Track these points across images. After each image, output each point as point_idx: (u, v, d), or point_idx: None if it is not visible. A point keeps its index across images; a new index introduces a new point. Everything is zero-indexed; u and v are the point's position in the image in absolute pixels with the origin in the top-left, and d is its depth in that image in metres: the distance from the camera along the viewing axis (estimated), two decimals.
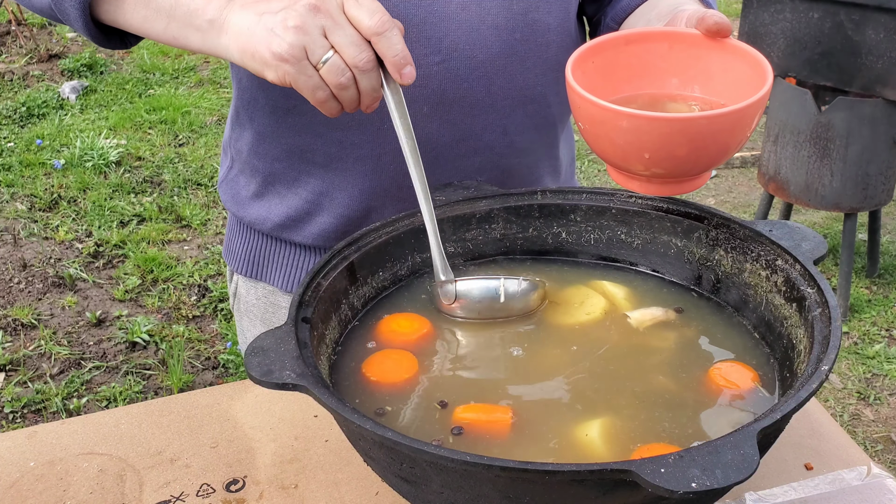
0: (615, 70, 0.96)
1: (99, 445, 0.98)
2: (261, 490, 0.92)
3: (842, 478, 0.92)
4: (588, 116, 0.89)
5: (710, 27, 0.93)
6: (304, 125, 1.13)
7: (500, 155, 1.15)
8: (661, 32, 0.97)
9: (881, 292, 3.36)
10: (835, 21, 2.92)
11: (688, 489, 0.63)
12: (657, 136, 0.85)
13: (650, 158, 0.87)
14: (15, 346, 3.02)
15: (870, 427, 2.73)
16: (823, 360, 0.77)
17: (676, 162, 0.87)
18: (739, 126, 0.86)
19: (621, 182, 0.95)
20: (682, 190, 0.93)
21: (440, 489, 0.72)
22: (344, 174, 1.14)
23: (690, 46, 0.95)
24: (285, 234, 1.21)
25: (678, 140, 0.85)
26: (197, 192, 4.05)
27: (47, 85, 5.07)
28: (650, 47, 0.96)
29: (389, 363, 0.91)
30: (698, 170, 0.90)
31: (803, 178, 3.15)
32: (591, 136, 0.90)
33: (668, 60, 0.96)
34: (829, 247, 3.05)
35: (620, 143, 0.87)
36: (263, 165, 1.19)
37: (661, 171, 0.89)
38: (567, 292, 1.02)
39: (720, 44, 0.93)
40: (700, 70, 0.95)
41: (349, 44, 0.86)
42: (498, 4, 1.07)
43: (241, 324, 1.35)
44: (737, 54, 0.92)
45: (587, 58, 0.94)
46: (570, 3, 1.15)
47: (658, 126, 0.84)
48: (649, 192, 0.94)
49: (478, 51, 1.08)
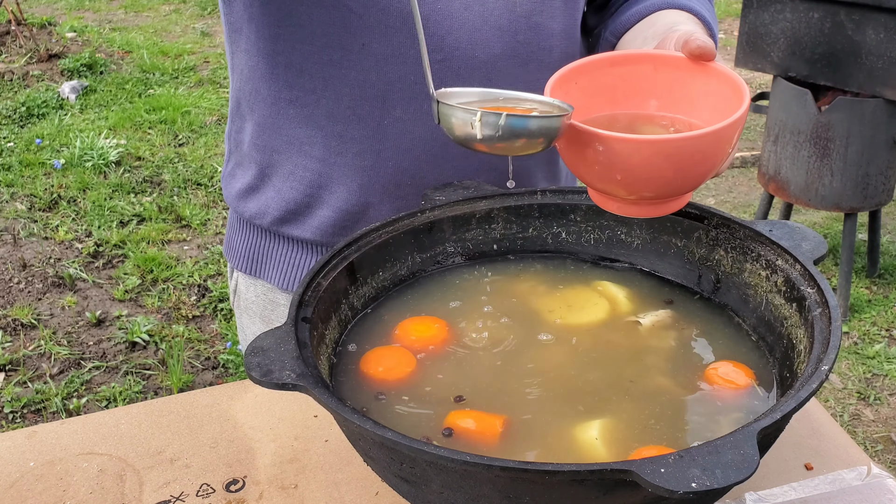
0: (599, 91, 0.96)
1: (99, 445, 0.98)
2: (261, 490, 0.92)
3: (842, 478, 0.92)
4: (563, 137, 0.88)
5: (693, 51, 0.93)
6: (306, 117, 1.13)
7: (500, 157, 1.15)
8: (646, 55, 0.97)
9: (881, 292, 3.36)
10: (835, 21, 2.92)
11: (688, 489, 0.63)
12: (630, 158, 0.84)
13: (623, 180, 0.86)
14: (15, 346, 3.03)
15: (870, 427, 2.73)
16: (823, 360, 0.77)
17: (652, 184, 0.87)
18: (712, 149, 0.85)
19: (600, 203, 0.94)
20: (660, 212, 0.92)
21: (440, 489, 0.72)
22: (343, 168, 1.14)
23: (675, 69, 0.95)
24: (284, 228, 1.21)
25: (652, 162, 0.84)
26: (197, 192, 4.05)
27: (47, 85, 5.08)
28: (635, 69, 0.96)
29: (388, 360, 0.91)
30: (675, 192, 0.90)
31: (803, 178, 3.15)
32: (567, 155, 0.90)
33: (652, 83, 0.96)
34: (829, 247, 3.05)
35: (595, 165, 0.86)
36: (262, 157, 1.19)
37: (637, 193, 0.89)
38: (567, 292, 1.02)
39: (703, 67, 0.93)
40: (683, 93, 0.95)
41: None
42: (501, 6, 1.08)
43: (241, 321, 1.36)
44: (718, 78, 0.92)
45: (570, 78, 0.94)
46: (577, 11, 1.15)
47: (630, 147, 0.84)
48: (627, 214, 0.93)
49: (479, 50, 1.08)
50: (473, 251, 1.06)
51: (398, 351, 0.93)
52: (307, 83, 1.10)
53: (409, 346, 0.94)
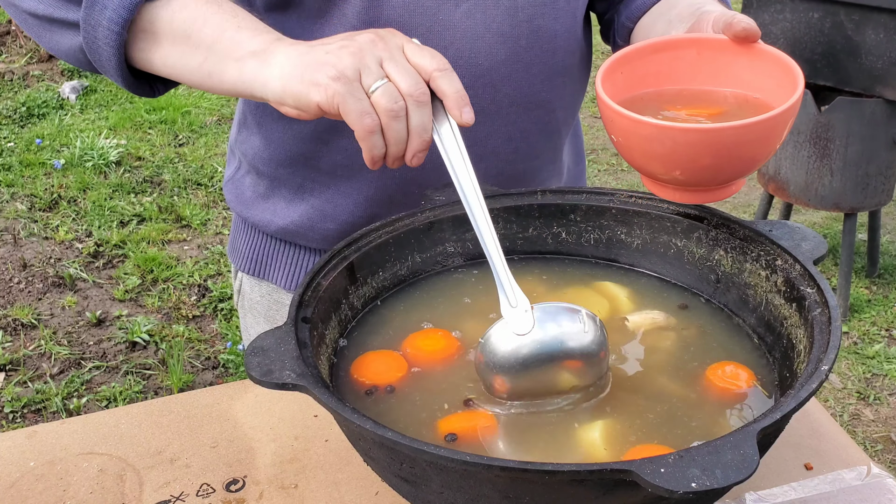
0: (644, 78, 0.96)
1: (99, 445, 0.99)
2: (261, 490, 0.92)
3: (842, 478, 0.92)
4: (620, 129, 0.88)
5: (739, 33, 0.92)
6: (311, 133, 1.12)
7: (504, 161, 1.15)
8: (688, 39, 0.96)
9: (881, 292, 3.36)
10: (835, 21, 2.92)
11: (688, 489, 0.63)
12: (689, 147, 0.84)
13: (683, 168, 0.86)
14: (15, 346, 3.03)
15: (870, 427, 2.73)
16: (823, 360, 0.77)
17: (709, 171, 0.87)
18: (775, 132, 0.85)
19: (655, 190, 0.94)
20: (715, 198, 0.92)
21: (440, 489, 0.72)
22: (350, 181, 1.14)
23: (718, 52, 0.94)
24: (289, 237, 1.21)
25: (710, 150, 0.84)
26: (197, 192, 4.05)
27: (47, 85, 5.07)
28: (678, 54, 0.96)
29: (378, 364, 0.91)
30: (732, 178, 0.90)
31: (803, 177, 3.15)
32: (624, 147, 0.90)
33: (696, 67, 0.96)
34: (829, 247, 3.05)
35: (653, 154, 0.86)
36: (269, 170, 1.19)
37: (695, 180, 0.89)
38: (567, 292, 1.02)
39: (749, 48, 0.93)
40: (729, 75, 0.95)
41: (405, 74, 0.82)
42: (503, 12, 1.07)
43: (245, 321, 1.36)
44: (766, 59, 0.92)
45: (615, 69, 0.94)
46: (577, 9, 1.14)
47: (690, 137, 0.84)
48: (682, 200, 0.93)
49: (483, 58, 1.07)
50: (473, 251, 1.06)
51: (389, 355, 0.92)
52: None
53: (416, 359, 0.92)
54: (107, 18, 0.88)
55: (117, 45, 0.90)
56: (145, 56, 0.92)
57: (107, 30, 0.89)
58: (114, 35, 0.89)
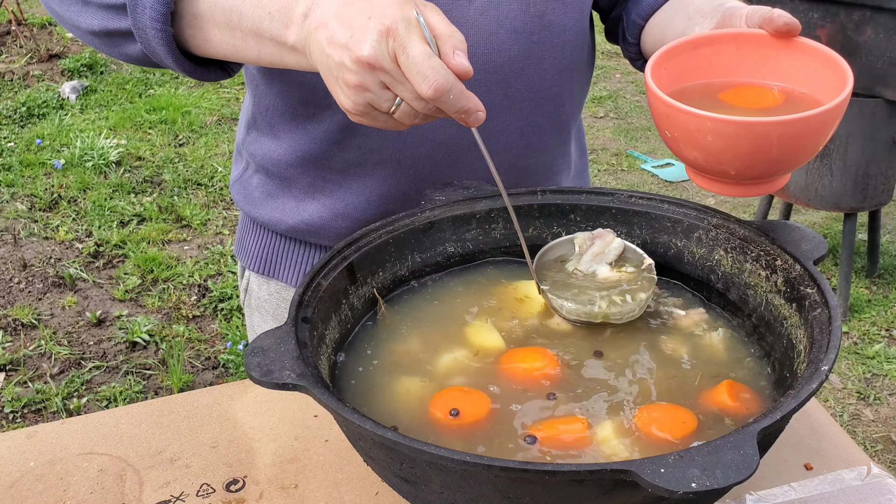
0: (687, 73, 0.96)
1: (99, 445, 0.99)
2: (261, 490, 0.92)
3: (842, 478, 0.92)
4: (675, 124, 0.88)
5: (780, 27, 0.91)
6: (323, 133, 1.12)
7: (516, 155, 1.15)
8: (728, 35, 0.96)
9: (881, 292, 3.36)
10: (835, 21, 2.92)
11: (688, 489, 0.63)
12: (746, 140, 0.84)
13: (739, 161, 0.86)
14: (15, 346, 3.03)
15: (870, 427, 2.73)
16: (823, 360, 0.77)
17: (764, 164, 0.87)
18: (831, 124, 0.85)
19: (701, 183, 0.94)
20: (763, 191, 0.92)
21: (440, 489, 0.72)
22: (362, 179, 1.14)
23: (758, 46, 0.94)
24: (300, 235, 1.21)
25: (775, 142, 0.84)
26: (197, 192, 4.05)
27: (47, 85, 5.07)
28: (718, 49, 0.96)
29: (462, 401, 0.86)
30: (784, 171, 0.90)
31: (803, 177, 3.15)
32: (676, 142, 0.90)
33: (736, 61, 0.96)
34: (829, 247, 3.05)
35: (711, 149, 0.86)
36: (279, 170, 1.19)
37: (748, 174, 0.89)
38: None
39: (789, 43, 0.92)
40: (770, 69, 0.95)
41: (413, 99, 0.83)
42: (516, 8, 1.07)
43: (252, 319, 1.35)
44: (808, 53, 0.92)
45: (661, 65, 0.94)
46: (585, 4, 1.15)
47: (747, 130, 0.83)
48: (731, 194, 0.94)
49: (496, 55, 1.08)
50: (473, 251, 1.06)
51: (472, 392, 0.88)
52: (322, 99, 1.09)
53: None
54: (148, 17, 0.90)
55: (166, 41, 0.92)
56: (199, 44, 0.94)
57: (152, 29, 0.91)
58: (158, 32, 0.91)
